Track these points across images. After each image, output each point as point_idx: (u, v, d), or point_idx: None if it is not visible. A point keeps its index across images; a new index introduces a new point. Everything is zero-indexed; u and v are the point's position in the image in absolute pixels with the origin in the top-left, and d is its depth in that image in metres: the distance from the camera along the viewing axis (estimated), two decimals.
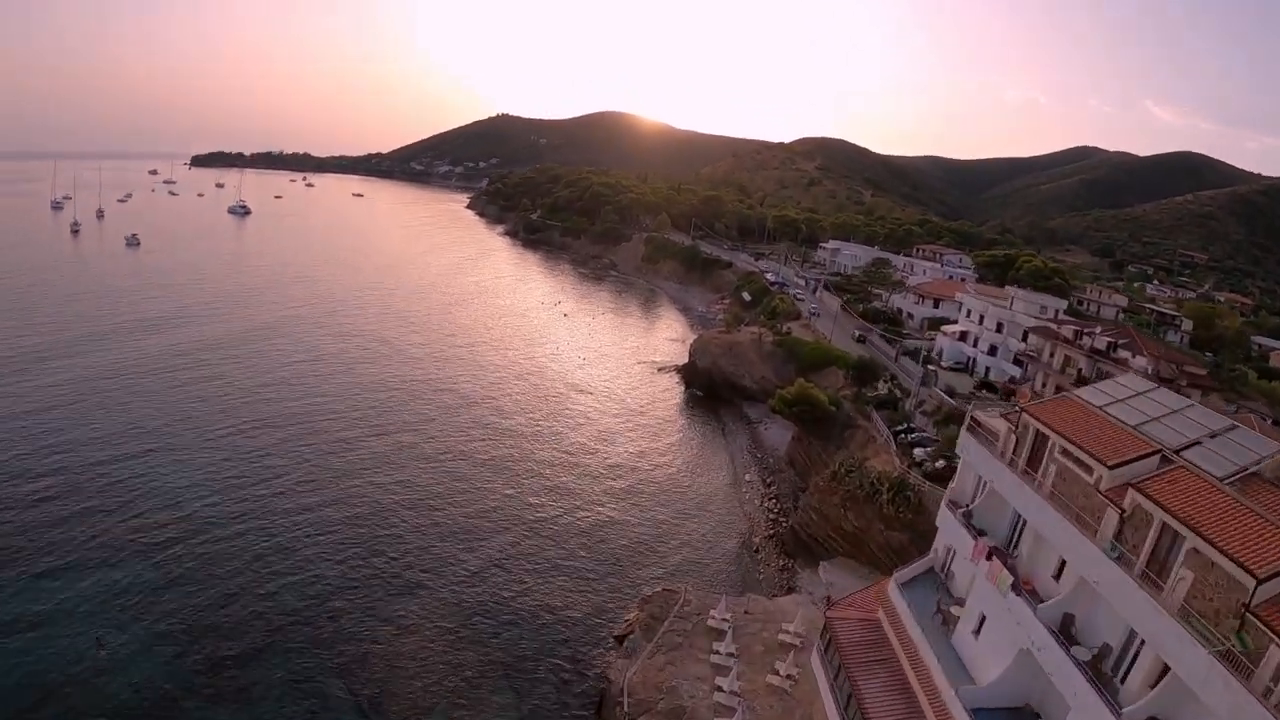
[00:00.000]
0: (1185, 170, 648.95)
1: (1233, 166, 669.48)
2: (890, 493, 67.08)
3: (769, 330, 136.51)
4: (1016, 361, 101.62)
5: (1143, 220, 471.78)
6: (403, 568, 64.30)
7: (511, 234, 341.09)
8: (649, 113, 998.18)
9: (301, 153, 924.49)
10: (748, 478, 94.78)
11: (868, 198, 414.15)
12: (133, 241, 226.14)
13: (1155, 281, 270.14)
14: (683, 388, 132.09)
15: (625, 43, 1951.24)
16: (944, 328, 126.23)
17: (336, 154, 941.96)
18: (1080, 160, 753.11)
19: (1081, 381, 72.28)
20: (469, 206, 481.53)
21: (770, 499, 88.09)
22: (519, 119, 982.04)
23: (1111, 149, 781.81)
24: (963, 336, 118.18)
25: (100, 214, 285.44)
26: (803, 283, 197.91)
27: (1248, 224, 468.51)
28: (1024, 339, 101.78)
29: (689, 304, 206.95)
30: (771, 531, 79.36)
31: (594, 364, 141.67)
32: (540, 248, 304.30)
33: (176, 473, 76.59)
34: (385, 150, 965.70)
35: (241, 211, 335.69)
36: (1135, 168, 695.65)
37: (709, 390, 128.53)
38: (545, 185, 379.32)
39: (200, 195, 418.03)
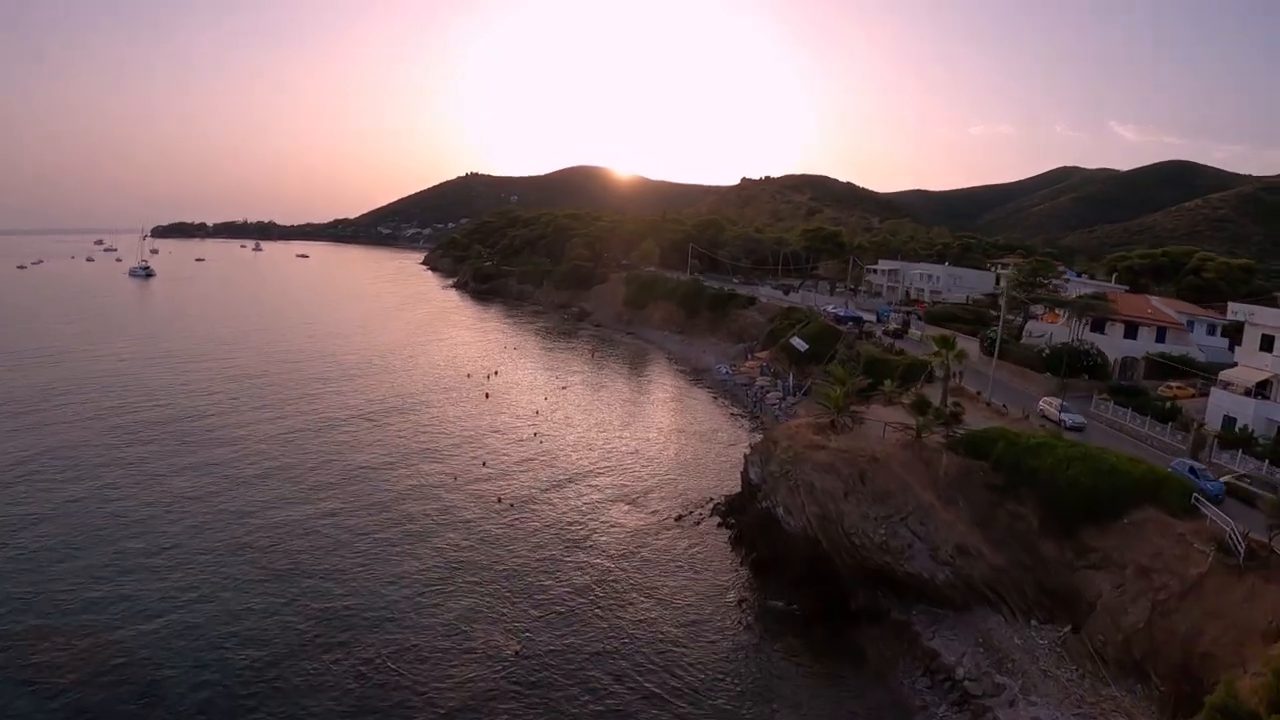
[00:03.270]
0: (1176, 178, 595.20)
1: (1221, 170, 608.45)
2: None
3: (931, 419, 57.85)
4: None
5: (1156, 230, 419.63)
6: None
7: (461, 285, 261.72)
8: (623, 166, 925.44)
9: (267, 221, 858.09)
10: None
11: (877, 224, 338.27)
12: None
13: None
14: (743, 574, 53.41)
15: (595, 97, 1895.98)
16: (1224, 376, 63.69)
17: (302, 222, 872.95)
18: (1063, 180, 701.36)
19: None
20: (424, 262, 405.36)
21: None
22: (489, 178, 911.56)
23: (1091, 167, 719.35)
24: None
25: None
26: (873, 316, 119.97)
27: (1264, 223, 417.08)
28: None
29: (699, 363, 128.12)
30: None
31: (550, 515, 62.38)
32: (494, 299, 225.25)
33: None
34: (352, 215, 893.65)
35: (143, 274, 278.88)
36: (1125, 181, 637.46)
37: (809, 583, 50.72)
38: (503, 229, 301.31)
39: (119, 260, 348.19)
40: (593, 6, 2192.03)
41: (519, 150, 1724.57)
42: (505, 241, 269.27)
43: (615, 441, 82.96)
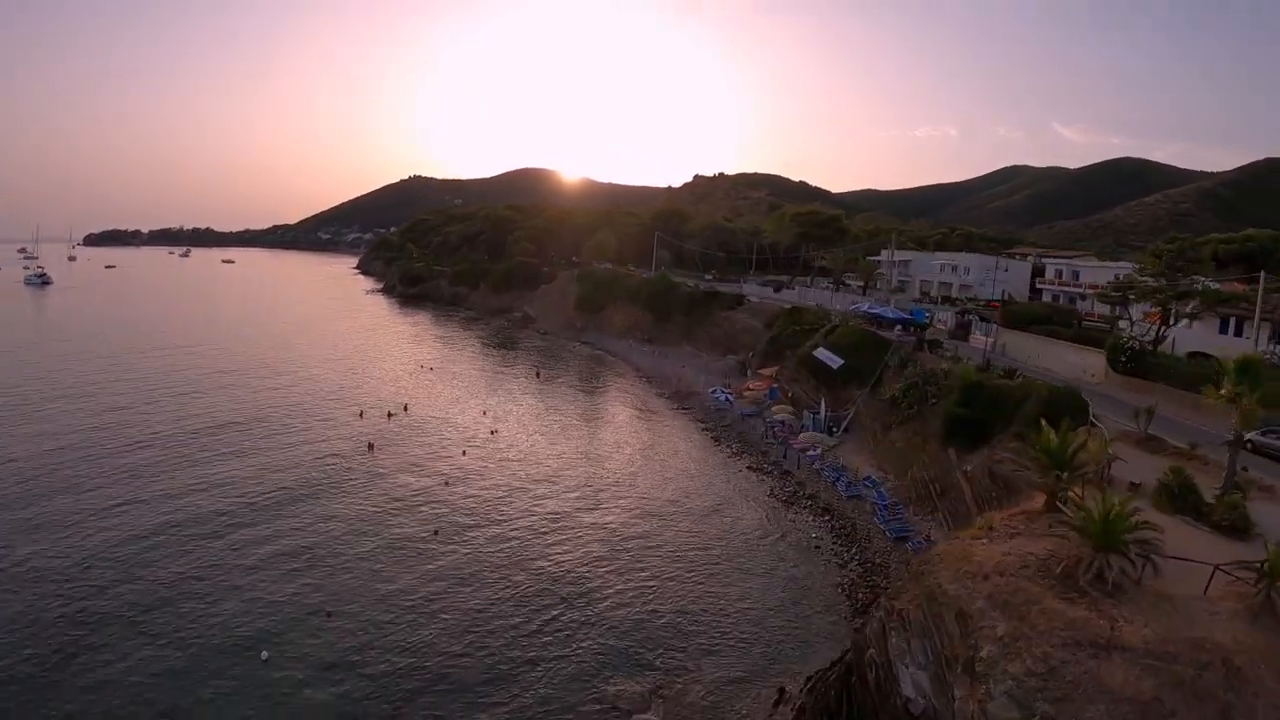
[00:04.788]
0: (1129, 175, 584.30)
1: (1172, 167, 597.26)
2: None
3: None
4: None
5: (1117, 225, 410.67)
6: None
7: (387, 290, 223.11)
8: (570, 169, 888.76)
9: (204, 228, 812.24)
10: None
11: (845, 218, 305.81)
12: None
13: None
14: None
15: (542, 101, 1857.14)
16: None
17: (241, 228, 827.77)
18: (1011, 179, 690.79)
19: None
20: (357, 267, 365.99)
21: None
22: (433, 180, 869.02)
23: (1039, 165, 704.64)
24: None
25: None
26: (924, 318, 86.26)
27: (1225, 218, 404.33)
28: None
29: (681, 382, 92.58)
30: None
31: None
32: (424, 304, 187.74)
33: None
34: (292, 221, 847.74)
35: (38, 282, 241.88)
36: (1076, 178, 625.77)
37: None
38: (439, 227, 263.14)
39: (26, 268, 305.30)
40: (539, 11, 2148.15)
41: (464, 154, 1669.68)
42: (439, 239, 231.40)
43: (575, 547, 47.38)
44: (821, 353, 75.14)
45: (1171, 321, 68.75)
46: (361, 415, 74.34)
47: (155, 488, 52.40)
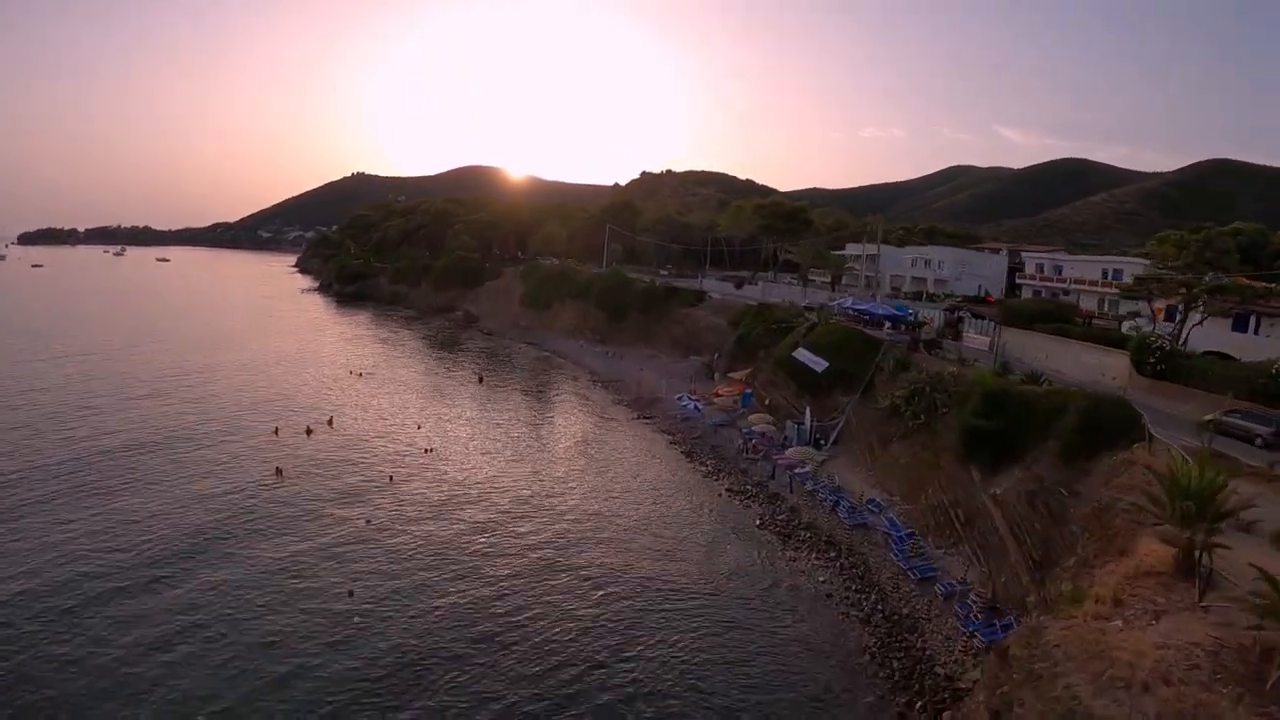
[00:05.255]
0: (1071, 175, 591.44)
1: (1114, 167, 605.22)
2: None
3: None
4: None
5: (1064, 223, 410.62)
6: None
7: (324, 288, 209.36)
8: (516, 167, 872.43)
9: (142, 227, 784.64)
10: None
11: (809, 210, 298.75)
12: None
13: None
14: None
15: (488, 99, 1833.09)
16: None
17: (181, 226, 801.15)
18: (956, 179, 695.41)
19: None
20: (295, 264, 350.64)
21: None
22: (377, 178, 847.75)
23: (983, 166, 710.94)
24: None
25: None
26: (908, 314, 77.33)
27: (1170, 216, 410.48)
28: None
29: (642, 388, 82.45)
30: None
31: None
32: (362, 303, 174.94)
33: None
34: (233, 219, 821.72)
35: None
36: (1020, 178, 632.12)
37: None
38: (380, 222, 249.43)
39: None
40: (486, 8, 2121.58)
41: (410, 151, 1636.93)
42: (379, 235, 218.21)
43: (526, 608, 37.09)
44: (802, 354, 65.90)
45: (1185, 318, 61.06)
46: (277, 432, 62.89)
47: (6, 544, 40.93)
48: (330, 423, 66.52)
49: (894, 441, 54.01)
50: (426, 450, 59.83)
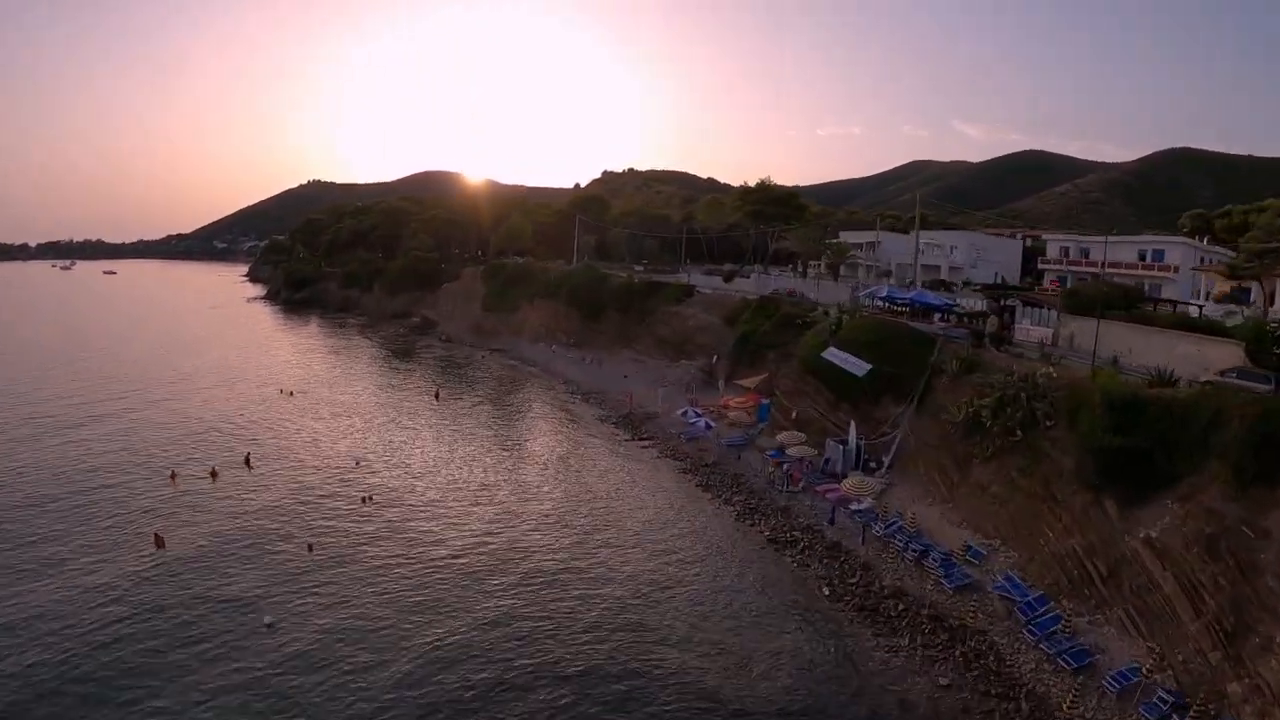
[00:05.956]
0: (1033, 167, 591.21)
1: (1075, 159, 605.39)
2: None
3: None
4: None
5: (1030, 214, 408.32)
6: None
7: (271, 296, 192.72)
8: (474, 171, 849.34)
9: (95, 240, 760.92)
10: None
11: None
12: None
13: None
14: None
15: (444, 104, 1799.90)
16: None
17: (135, 239, 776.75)
18: (916, 174, 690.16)
19: None
20: (247, 273, 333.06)
21: None
22: (333, 185, 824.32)
23: (944, 160, 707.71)
24: None
25: None
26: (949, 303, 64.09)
27: (1134, 204, 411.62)
28: None
29: (634, 399, 68.92)
30: None
31: None
32: (312, 310, 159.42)
33: None
34: (188, 230, 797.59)
35: None
36: (982, 171, 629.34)
37: None
38: (332, 226, 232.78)
39: None
40: (441, 12, 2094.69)
41: (366, 158, 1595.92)
42: (329, 237, 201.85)
43: None
44: (834, 354, 52.65)
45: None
46: (174, 478, 48.22)
47: None
48: (247, 461, 51.98)
49: (976, 463, 41.15)
50: (365, 500, 45.35)
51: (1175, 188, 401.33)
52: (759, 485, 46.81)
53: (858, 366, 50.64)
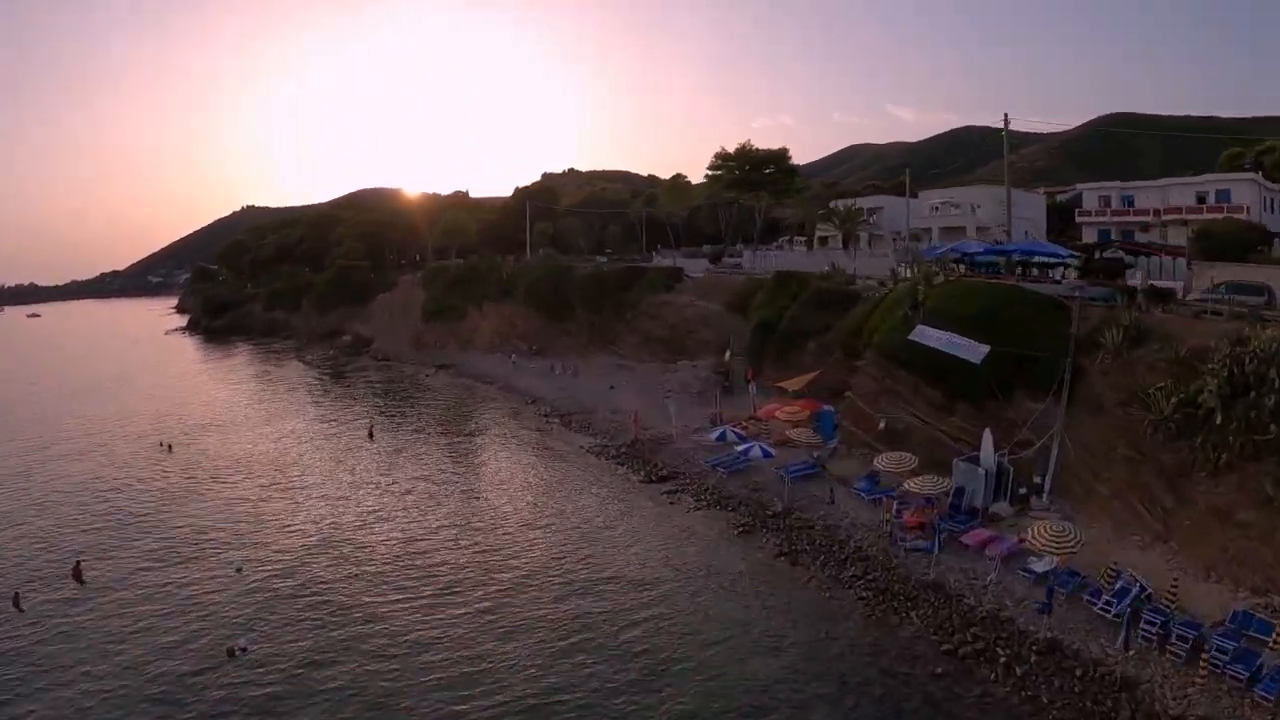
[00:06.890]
0: (969, 143, 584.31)
1: (1015, 131, 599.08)
2: None
3: None
4: None
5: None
6: None
7: (192, 326, 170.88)
8: (413, 185, 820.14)
9: (27, 284, 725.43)
10: None
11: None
12: None
13: None
14: None
15: (377, 119, 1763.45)
16: None
17: (68, 280, 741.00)
18: (854, 158, 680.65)
19: None
20: (176, 306, 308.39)
21: None
22: (267, 209, 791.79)
23: (881, 142, 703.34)
24: None
25: None
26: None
27: (1083, 169, 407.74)
28: None
29: (640, 420, 51.32)
30: None
31: None
32: (236, 338, 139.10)
33: None
34: (121, 267, 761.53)
35: None
36: (920, 150, 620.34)
37: None
38: (255, 244, 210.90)
39: None
40: (368, 28, 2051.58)
41: (300, 180, 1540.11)
42: (251, 256, 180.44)
43: None
44: (929, 334, 35.85)
45: None
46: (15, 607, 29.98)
47: None
48: (77, 573, 33.55)
49: (1199, 478, 24.80)
50: (232, 653, 26.69)
51: (1125, 152, 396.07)
52: (865, 540, 29.72)
53: (972, 350, 33.94)
